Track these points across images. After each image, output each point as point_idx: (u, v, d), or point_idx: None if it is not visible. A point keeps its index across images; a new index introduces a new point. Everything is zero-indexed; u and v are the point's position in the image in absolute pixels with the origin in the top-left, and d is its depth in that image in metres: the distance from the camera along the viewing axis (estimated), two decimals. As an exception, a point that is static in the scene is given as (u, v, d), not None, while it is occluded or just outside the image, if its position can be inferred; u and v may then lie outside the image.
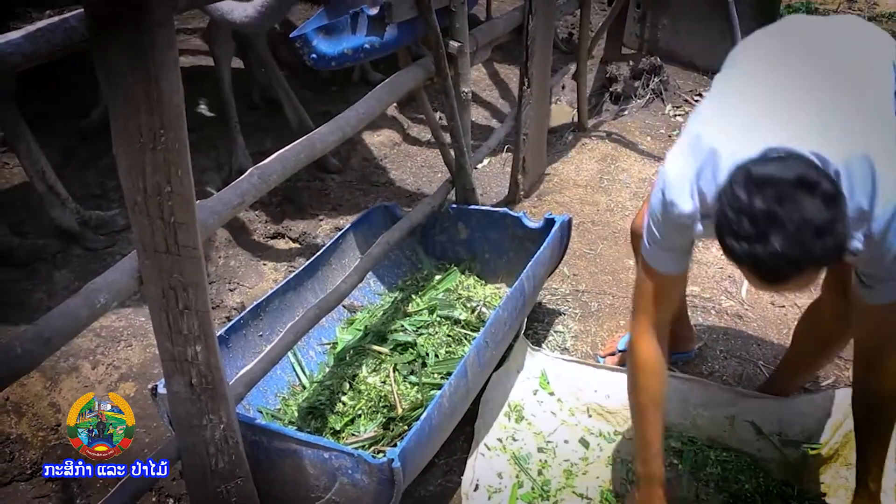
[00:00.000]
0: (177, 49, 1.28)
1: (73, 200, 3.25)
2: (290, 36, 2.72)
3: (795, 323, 2.43)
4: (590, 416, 2.45)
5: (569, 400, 2.50)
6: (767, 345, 2.82)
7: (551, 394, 2.51)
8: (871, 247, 1.54)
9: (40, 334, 1.32)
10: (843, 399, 2.29)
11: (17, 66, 1.11)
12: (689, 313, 2.77)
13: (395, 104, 4.42)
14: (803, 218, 1.35)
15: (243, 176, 1.84)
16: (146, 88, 1.24)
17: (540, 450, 2.33)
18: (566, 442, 2.35)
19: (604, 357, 2.73)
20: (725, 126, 1.63)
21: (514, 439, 2.36)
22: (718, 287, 3.17)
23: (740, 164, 1.46)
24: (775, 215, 1.36)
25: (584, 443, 2.35)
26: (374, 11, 2.60)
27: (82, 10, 1.20)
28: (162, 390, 1.91)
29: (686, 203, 1.65)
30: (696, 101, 5.03)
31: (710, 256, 3.34)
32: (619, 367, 2.57)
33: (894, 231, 1.51)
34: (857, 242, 1.53)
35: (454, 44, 2.87)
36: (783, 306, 3.02)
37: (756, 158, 1.46)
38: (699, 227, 1.66)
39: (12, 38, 1.10)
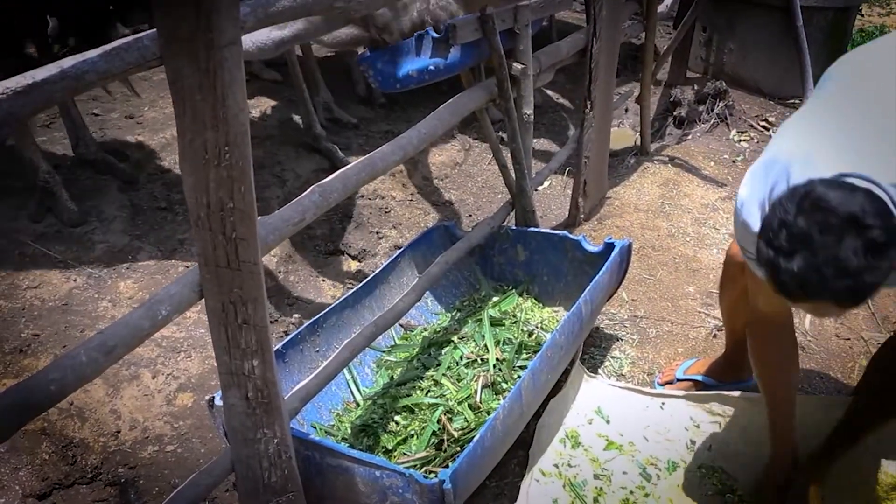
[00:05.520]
0: (243, 68, 1.30)
1: (141, 213, 3.36)
2: (357, 58, 2.76)
3: (860, 356, 2.36)
4: (648, 444, 2.40)
5: (626, 428, 2.46)
6: (831, 378, 2.74)
7: (608, 422, 2.48)
8: None
9: (105, 342, 1.35)
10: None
11: (92, 85, 1.15)
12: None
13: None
14: (836, 255, 1.35)
15: (304, 193, 1.86)
16: (213, 106, 1.27)
17: (596, 476, 2.29)
18: (625, 473, 2.30)
19: (662, 385, 2.68)
20: (805, 149, 1.60)
21: (570, 465, 2.33)
22: (782, 317, 3.09)
23: (812, 178, 1.45)
24: (811, 240, 1.37)
25: (643, 471, 2.31)
26: (438, 33, 2.63)
27: (155, 29, 1.23)
28: (219, 402, 1.94)
29: (757, 222, 1.65)
30: (762, 126, 4.94)
31: (773, 286, 3.27)
32: (676, 391, 2.53)
33: None
34: None
35: (517, 66, 2.88)
36: (848, 339, 2.93)
37: (826, 179, 1.44)
38: None
39: (89, 57, 1.14)
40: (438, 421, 2.33)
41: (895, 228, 1.38)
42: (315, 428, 2.39)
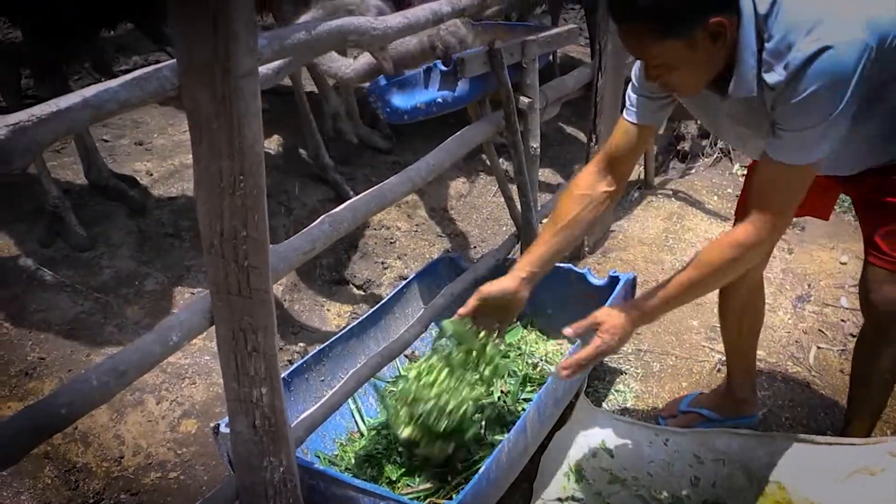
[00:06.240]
0: (260, 98, 1.33)
1: (148, 239, 3.38)
2: (365, 89, 2.79)
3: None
4: (652, 479, 2.39)
5: (630, 463, 2.45)
6: (836, 414, 2.73)
7: (612, 456, 2.47)
8: (787, 82, 1.63)
9: (115, 367, 1.36)
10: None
11: (113, 113, 1.18)
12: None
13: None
14: None
15: (314, 223, 1.88)
16: (229, 135, 1.29)
17: (599, 511, 2.29)
18: (627, 507, 2.31)
19: (665, 419, 2.68)
20: None
21: (574, 499, 2.31)
22: (785, 352, 3.09)
23: None
24: None
25: (645, 506, 2.30)
26: (446, 66, 2.66)
27: (174, 60, 1.25)
28: (223, 429, 1.93)
29: None
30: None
31: (776, 320, 3.27)
32: (680, 429, 2.53)
33: (812, 74, 1.59)
34: (776, 75, 1.65)
35: (525, 99, 2.91)
36: (854, 376, 2.93)
37: None
38: None
39: (111, 87, 1.17)
40: None
41: None
42: (319, 457, 2.39)
